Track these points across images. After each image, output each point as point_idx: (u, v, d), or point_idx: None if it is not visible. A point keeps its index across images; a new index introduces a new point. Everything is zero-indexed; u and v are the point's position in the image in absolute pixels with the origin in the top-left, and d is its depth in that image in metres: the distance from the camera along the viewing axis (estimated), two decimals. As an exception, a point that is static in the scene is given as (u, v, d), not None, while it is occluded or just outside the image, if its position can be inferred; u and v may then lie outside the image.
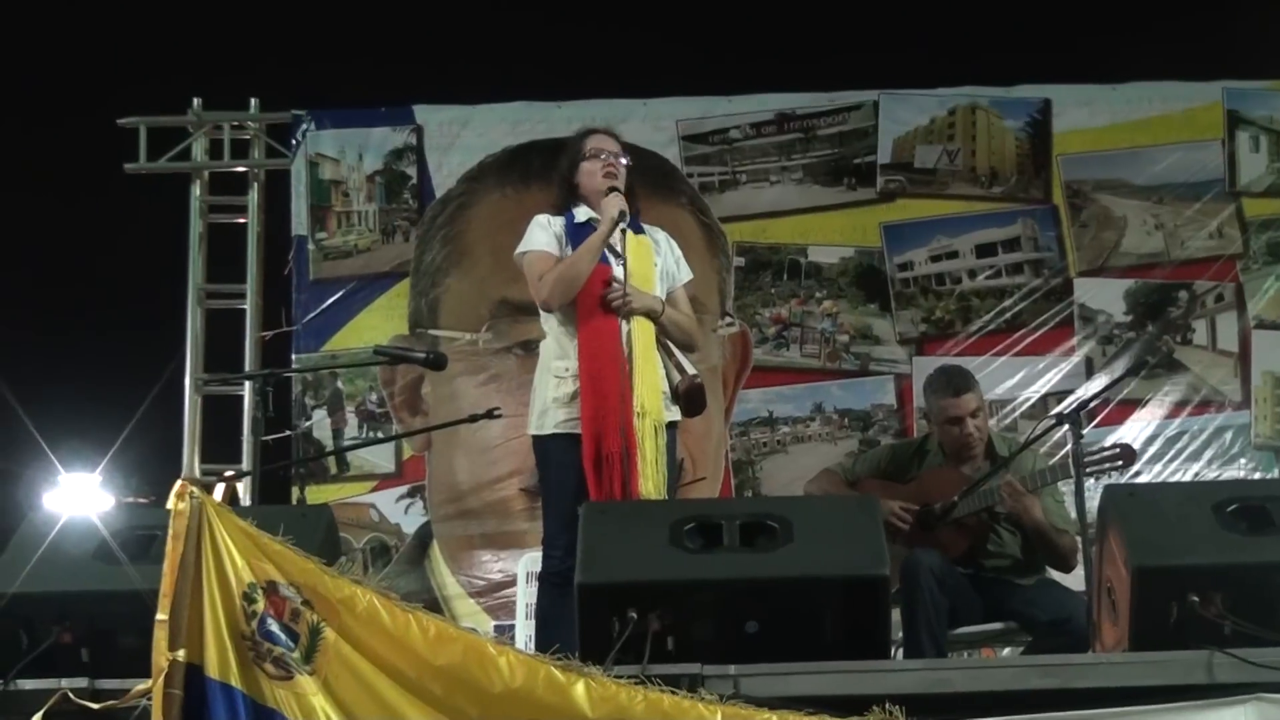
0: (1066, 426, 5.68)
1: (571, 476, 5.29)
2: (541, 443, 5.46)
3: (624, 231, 5.47)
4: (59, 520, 4.96)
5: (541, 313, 5.57)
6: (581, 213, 5.57)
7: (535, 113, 8.98)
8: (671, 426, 5.44)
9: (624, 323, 5.39)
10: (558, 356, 5.46)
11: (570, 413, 5.36)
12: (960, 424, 6.07)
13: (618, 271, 5.47)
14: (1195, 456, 8.54)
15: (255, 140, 9.37)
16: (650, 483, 5.23)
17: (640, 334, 5.38)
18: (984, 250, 8.89)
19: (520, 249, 5.61)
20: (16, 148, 10.40)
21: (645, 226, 5.65)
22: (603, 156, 5.58)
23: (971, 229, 8.92)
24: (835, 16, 10.12)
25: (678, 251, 5.74)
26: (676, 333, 5.54)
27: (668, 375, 5.44)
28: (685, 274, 5.71)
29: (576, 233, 5.52)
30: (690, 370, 5.46)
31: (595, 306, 5.40)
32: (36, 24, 10.58)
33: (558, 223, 5.57)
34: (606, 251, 5.49)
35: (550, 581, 5.32)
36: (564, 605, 4.94)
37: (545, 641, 4.84)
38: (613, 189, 5.49)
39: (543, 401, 5.46)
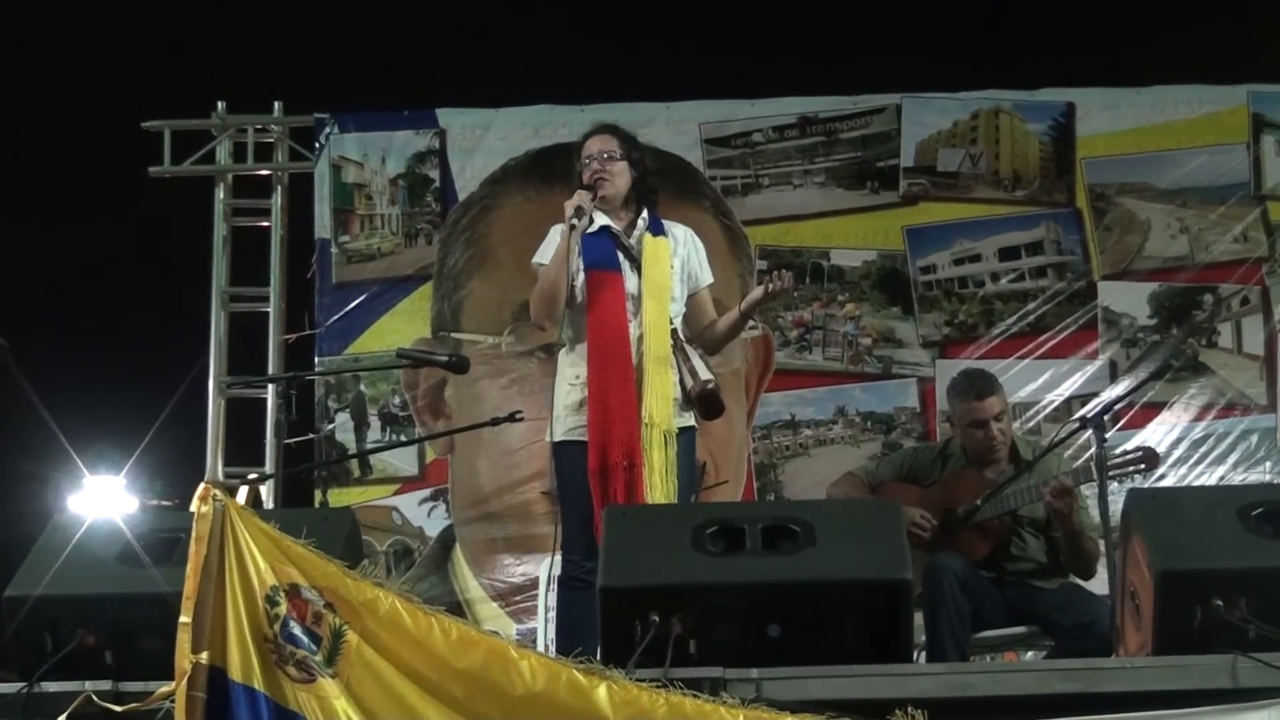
0: (1090, 430, 5.67)
1: (584, 482, 5.29)
2: (556, 449, 5.45)
3: (641, 235, 5.47)
4: (83, 523, 4.98)
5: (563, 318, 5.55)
6: (599, 217, 5.53)
7: (558, 116, 8.97)
8: (687, 432, 5.40)
9: (634, 329, 5.37)
10: (571, 364, 5.45)
11: (579, 420, 5.34)
12: (984, 427, 6.06)
13: (631, 279, 5.44)
14: (1220, 460, 8.51)
15: (279, 143, 9.39)
16: (658, 492, 5.21)
17: (653, 340, 5.35)
18: (1007, 253, 8.87)
19: (533, 259, 5.60)
20: (42, 151, 10.43)
21: (666, 224, 5.59)
22: (588, 161, 5.53)
23: (994, 232, 8.90)
24: (858, 20, 10.11)
25: (701, 251, 5.66)
26: (701, 339, 5.52)
27: (680, 380, 5.39)
28: (707, 277, 5.65)
29: (589, 242, 5.44)
30: (704, 375, 5.41)
31: (605, 315, 5.37)
32: (60, 28, 10.62)
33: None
34: (622, 258, 5.46)
35: (569, 585, 5.32)
36: (583, 609, 4.96)
37: (565, 645, 4.85)
38: (587, 188, 5.43)
39: (557, 408, 5.45)
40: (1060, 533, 5.94)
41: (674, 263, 5.50)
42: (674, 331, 5.45)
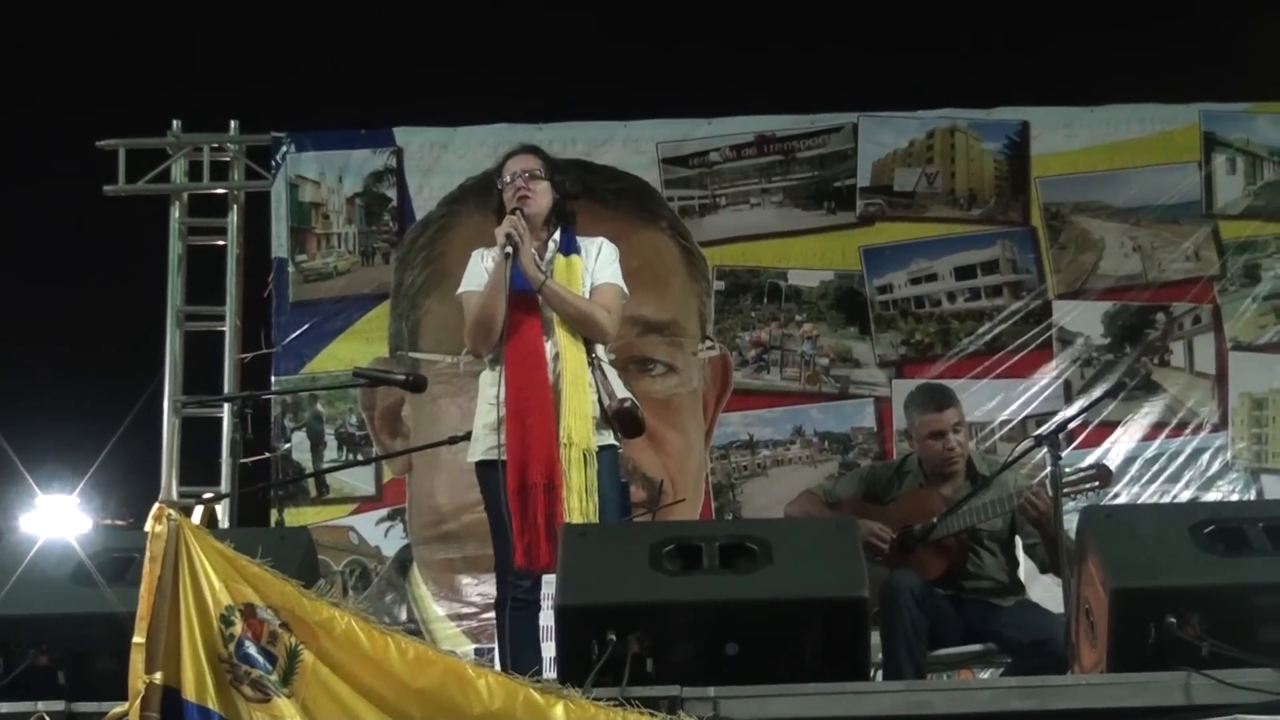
0: (1045, 448, 5.70)
1: (504, 503, 5.22)
2: (478, 469, 5.40)
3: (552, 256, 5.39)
4: (36, 542, 4.94)
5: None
6: None
7: (516, 135, 8.86)
8: (607, 450, 5.31)
9: (550, 348, 5.31)
10: (490, 384, 5.39)
11: (496, 439, 5.27)
12: (943, 438, 6.08)
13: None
14: (1173, 478, 8.57)
15: (235, 162, 9.37)
16: (577, 513, 5.14)
17: (569, 359, 5.29)
18: (963, 273, 8.92)
19: (459, 289, 5.52)
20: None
21: (581, 241, 5.50)
22: (510, 179, 5.44)
23: (951, 251, 8.95)
24: (815, 39, 10.16)
25: (608, 255, 5.50)
26: (570, 310, 5.33)
27: (599, 399, 5.31)
28: (604, 278, 5.45)
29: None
30: (621, 394, 5.34)
31: (520, 337, 5.28)
32: (14, 45, 10.57)
33: (490, 255, 5.40)
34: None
35: (510, 608, 5.24)
36: (522, 630, 5.02)
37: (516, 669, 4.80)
38: (516, 210, 5.33)
39: (476, 428, 5.41)
40: (1040, 539, 5.95)
41: (585, 279, 5.43)
42: (590, 350, 5.38)
